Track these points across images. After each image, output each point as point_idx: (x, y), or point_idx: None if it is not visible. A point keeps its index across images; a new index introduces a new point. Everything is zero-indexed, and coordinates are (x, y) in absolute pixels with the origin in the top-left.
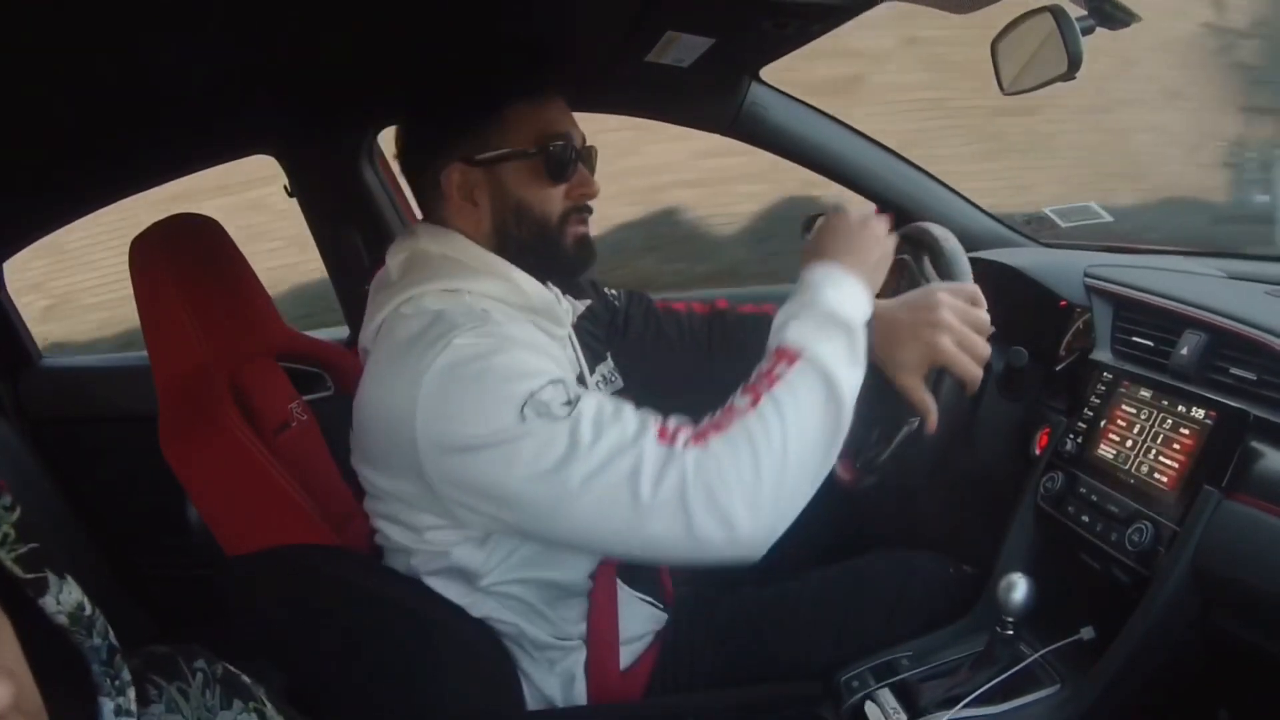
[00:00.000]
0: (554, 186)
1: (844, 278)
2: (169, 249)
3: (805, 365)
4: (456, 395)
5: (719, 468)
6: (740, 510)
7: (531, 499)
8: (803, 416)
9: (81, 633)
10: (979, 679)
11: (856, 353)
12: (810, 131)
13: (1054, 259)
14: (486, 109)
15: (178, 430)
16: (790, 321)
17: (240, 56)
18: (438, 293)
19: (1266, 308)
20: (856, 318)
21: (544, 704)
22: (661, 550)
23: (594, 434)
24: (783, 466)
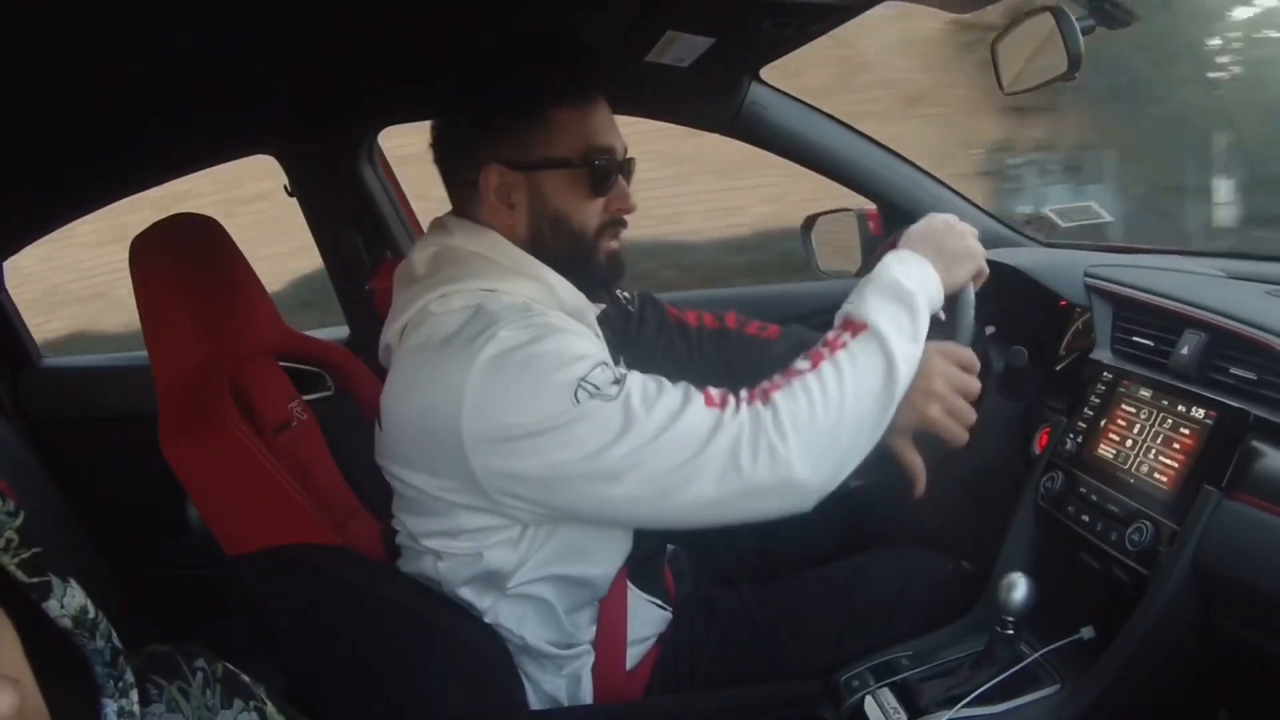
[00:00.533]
0: (594, 199)
1: (912, 259)
2: (169, 249)
3: (868, 336)
4: (506, 386)
5: (775, 416)
6: (796, 455)
7: (590, 476)
8: (860, 381)
9: (85, 635)
10: (979, 679)
11: (918, 328)
12: (810, 131)
13: (1054, 259)
14: (531, 110)
15: (178, 430)
16: (859, 296)
17: (240, 56)
18: (474, 291)
19: (1266, 308)
20: (919, 295)
21: (548, 703)
22: (725, 510)
23: (645, 407)
24: (838, 422)
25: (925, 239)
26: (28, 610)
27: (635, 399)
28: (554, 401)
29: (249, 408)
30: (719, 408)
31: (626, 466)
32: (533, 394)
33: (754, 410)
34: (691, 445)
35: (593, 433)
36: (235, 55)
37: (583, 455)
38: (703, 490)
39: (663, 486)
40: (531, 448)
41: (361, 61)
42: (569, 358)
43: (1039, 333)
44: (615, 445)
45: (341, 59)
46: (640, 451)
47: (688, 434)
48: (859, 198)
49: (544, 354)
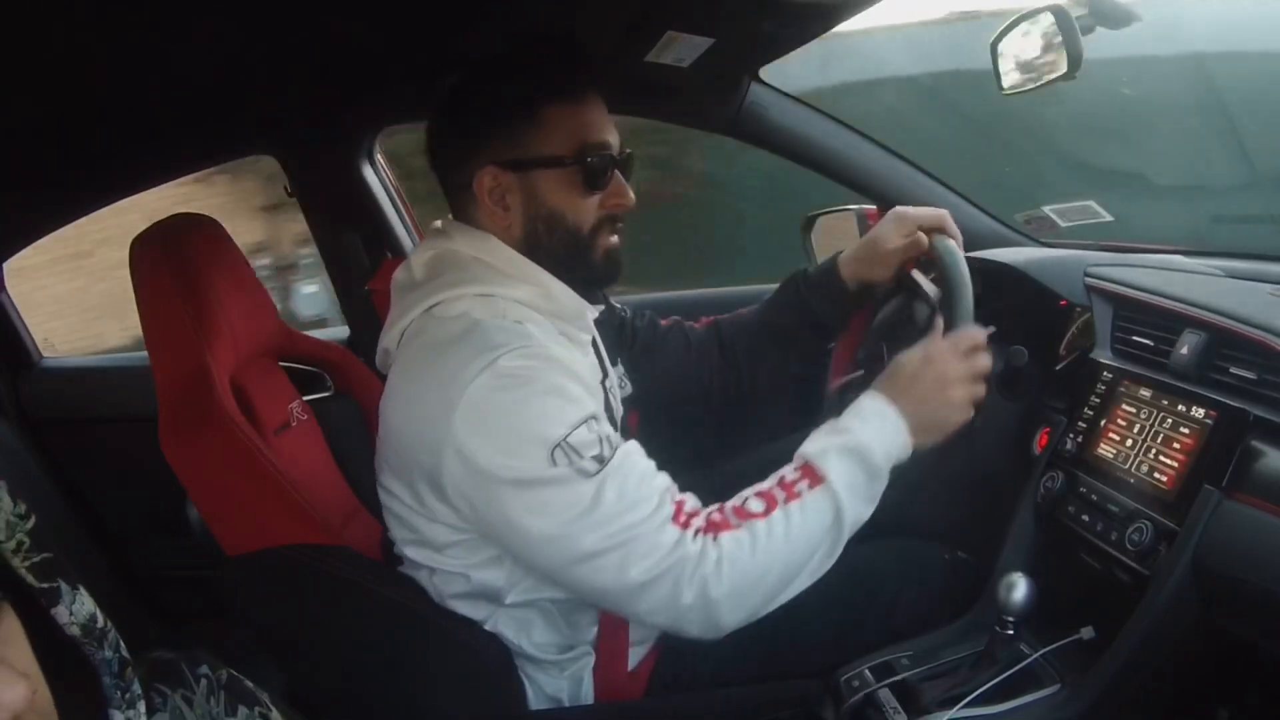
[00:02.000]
0: (589, 196)
1: (895, 425)
2: (169, 249)
3: (825, 491)
4: (493, 419)
5: (719, 560)
6: (727, 606)
7: (540, 545)
8: (805, 535)
9: (93, 645)
10: (979, 679)
11: (874, 494)
12: (810, 131)
13: (1054, 259)
14: (523, 109)
15: (178, 430)
16: (828, 444)
17: (240, 57)
18: (472, 297)
19: (1267, 307)
20: (884, 465)
21: (549, 704)
22: (645, 619)
23: (616, 501)
24: (771, 571)
25: (913, 391)
26: (37, 616)
27: (610, 488)
28: (530, 455)
29: (249, 408)
30: (681, 529)
31: (580, 551)
32: (514, 439)
33: (703, 545)
34: (642, 558)
35: (556, 504)
36: (235, 56)
37: (541, 524)
38: (632, 597)
39: (600, 583)
40: (498, 491)
41: (361, 61)
42: (558, 410)
43: (1039, 333)
44: (574, 524)
45: (341, 59)
46: (594, 546)
47: (643, 549)
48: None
49: (535, 399)
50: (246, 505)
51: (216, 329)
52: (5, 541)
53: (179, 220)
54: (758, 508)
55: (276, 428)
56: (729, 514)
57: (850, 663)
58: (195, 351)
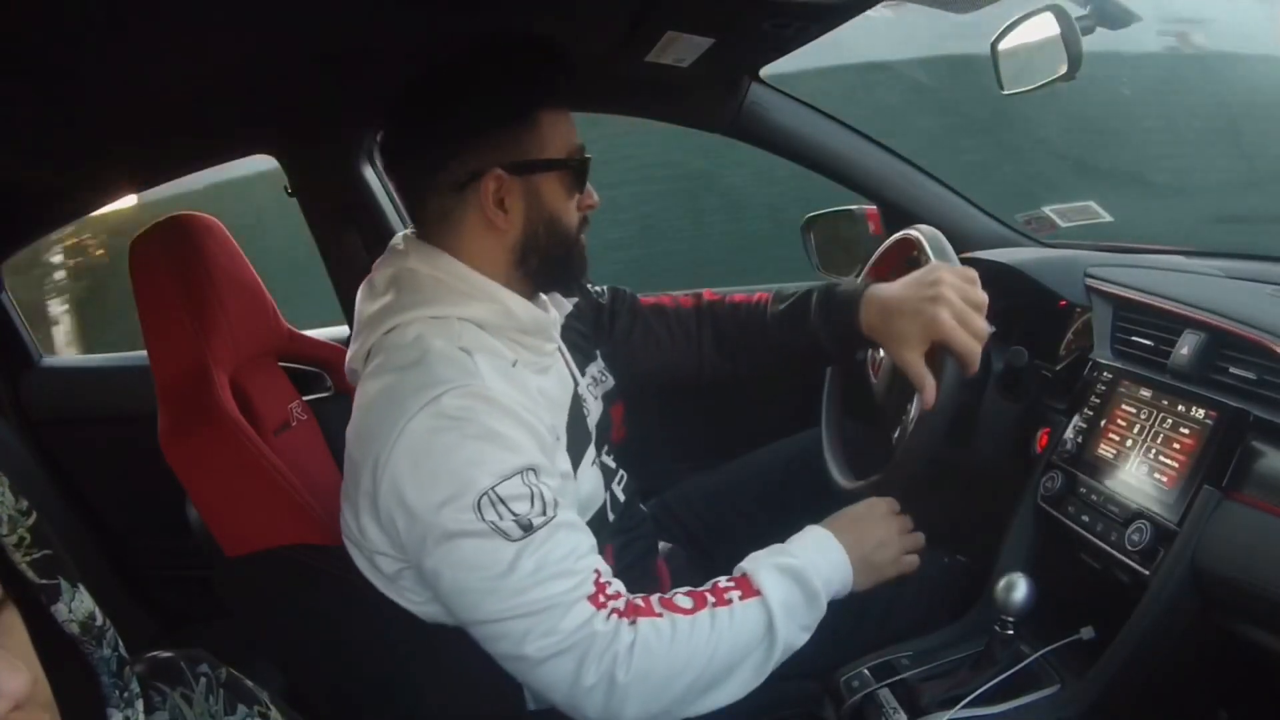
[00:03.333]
0: (573, 198)
1: (838, 558)
2: (169, 249)
3: (758, 605)
4: (426, 459)
5: (631, 647)
6: (632, 696)
7: (449, 596)
8: (732, 644)
9: (92, 643)
10: (979, 679)
11: (810, 619)
12: (810, 131)
13: (1054, 259)
14: (520, 112)
15: (178, 430)
16: (768, 562)
17: (240, 56)
18: (425, 320)
19: (1267, 308)
20: (825, 592)
21: (545, 704)
22: (544, 694)
23: (533, 571)
24: (685, 673)
25: (857, 532)
26: (36, 613)
27: (528, 560)
28: (457, 499)
29: (249, 408)
30: (596, 608)
31: (485, 612)
32: (441, 485)
33: (617, 626)
34: (543, 635)
35: (472, 560)
36: (235, 56)
37: (456, 576)
38: (528, 671)
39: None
40: (421, 530)
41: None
42: (489, 459)
43: (1039, 333)
44: (485, 591)
45: (341, 59)
46: (500, 613)
47: (547, 625)
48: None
49: (467, 445)
50: (246, 505)
51: (216, 329)
52: (7, 536)
53: (179, 220)
54: (685, 604)
55: (276, 428)
56: (654, 602)
57: (850, 663)
58: (195, 351)
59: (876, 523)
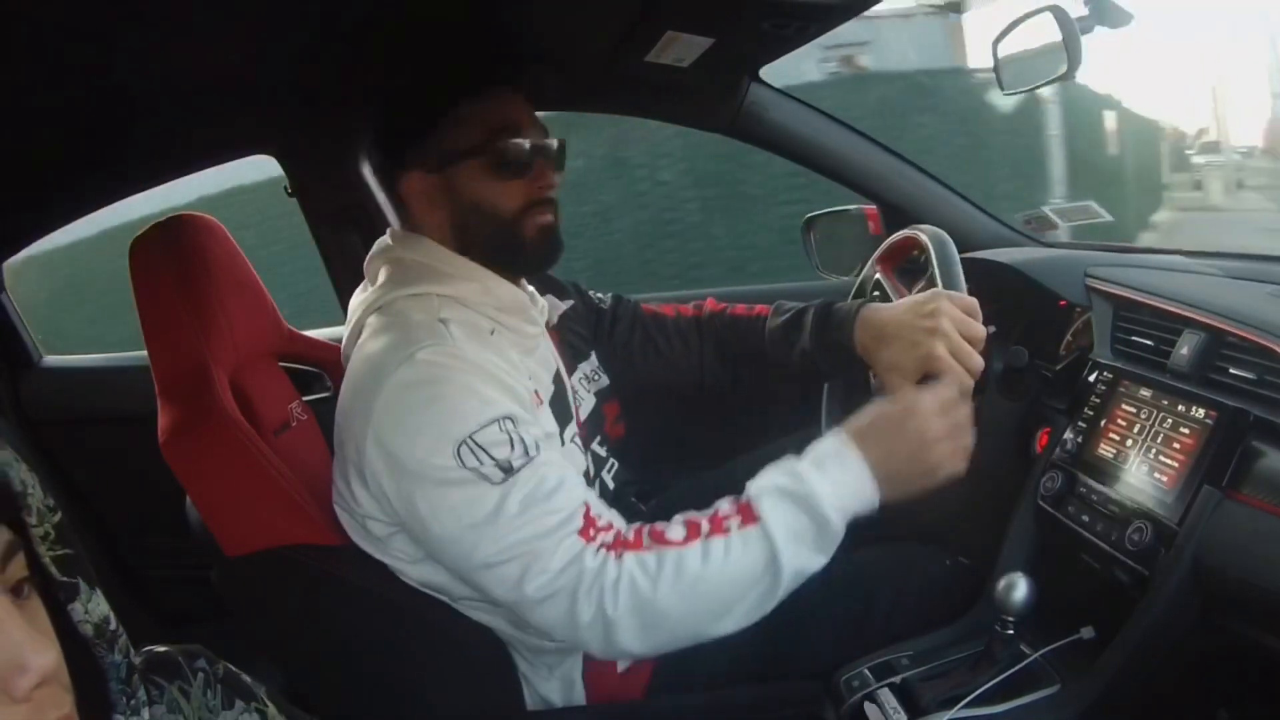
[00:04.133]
0: (508, 182)
1: (856, 472)
2: (169, 249)
3: (757, 533)
4: (406, 412)
5: (617, 580)
6: (625, 629)
7: (442, 545)
8: (729, 575)
9: (104, 647)
10: (979, 679)
11: (825, 544)
12: (810, 131)
13: (1054, 259)
14: (434, 110)
15: (178, 430)
16: (772, 485)
17: (240, 56)
18: (406, 298)
19: (1267, 308)
20: (838, 516)
21: (543, 704)
22: (545, 631)
23: (520, 511)
24: (687, 611)
25: (885, 437)
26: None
27: (514, 498)
28: (437, 451)
29: (249, 408)
30: (586, 542)
31: (479, 557)
32: (422, 433)
33: (603, 562)
34: (539, 574)
35: (458, 506)
36: (235, 55)
37: (443, 524)
38: (529, 610)
39: (501, 588)
40: (407, 483)
41: (361, 61)
42: (467, 409)
43: (1039, 333)
44: (475, 531)
45: (341, 59)
46: (495, 553)
47: (541, 564)
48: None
49: (445, 396)
50: (246, 505)
51: (216, 329)
52: (35, 526)
53: (179, 220)
54: (677, 535)
55: (276, 428)
56: (645, 535)
57: (850, 663)
58: (195, 351)
59: (912, 435)
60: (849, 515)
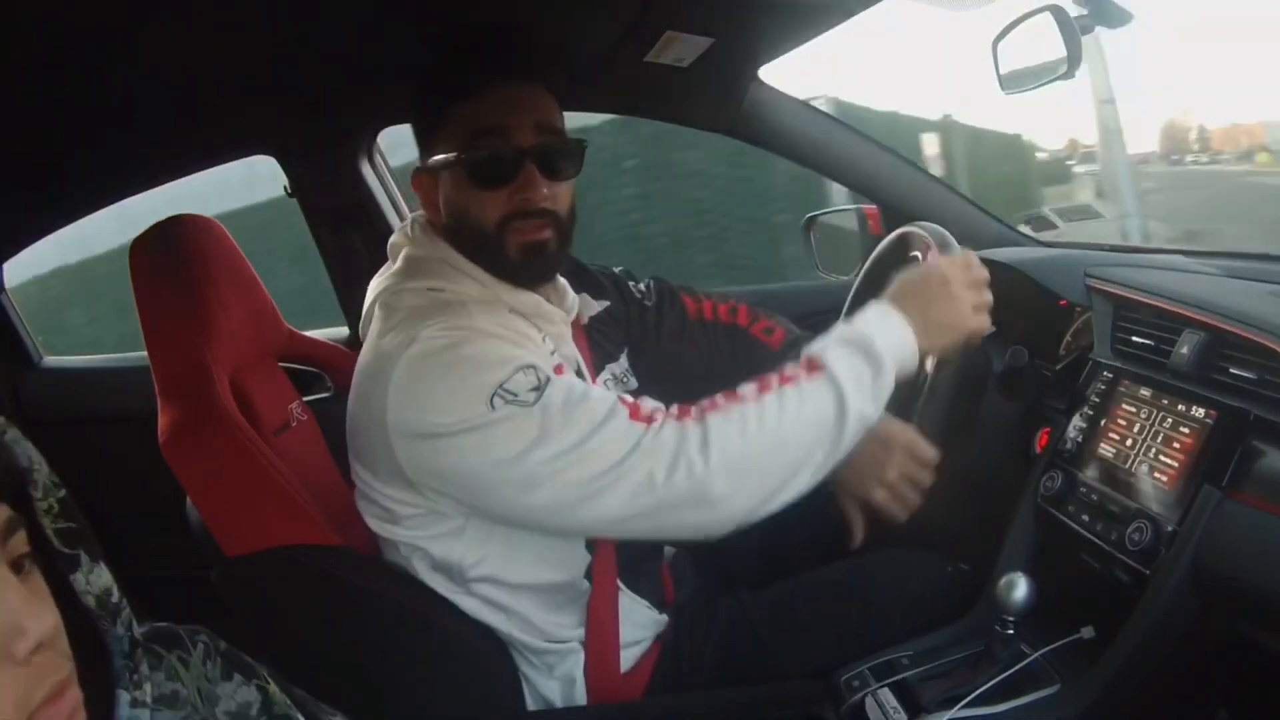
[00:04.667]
0: (487, 192)
1: (893, 317)
2: (169, 249)
3: (824, 379)
4: (425, 385)
5: (704, 435)
6: (716, 474)
7: (504, 481)
8: (803, 420)
9: (107, 619)
10: (979, 679)
11: (879, 390)
12: (810, 131)
13: (1054, 259)
14: (432, 113)
15: (177, 430)
16: (833, 338)
17: (240, 56)
18: (421, 290)
19: (1267, 307)
20: (887, 358)
21: (544, 705)
22: (628, 520)
23: (563, 417)
24: (769, 453)
25: (916, 294)
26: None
27: (554, 408)
28: (469, 405)
29: (249, 408)
30: (643, 423)
31: (541, 476)
32: (449, 395)
33: (681, 427)
34: (607, 459)
35: (507, 439)
36: (235, 55)
37: (497, 460)
38: (615, 505)
39: (576, 497)
40: (448, 447)
41: (361, 61)
42: (489, 362)
43: (1039, 333)
44: (530, 453)
45: (341, 59)
46: (554, 461)
47: (604, 448)
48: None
49: (465, 357)
50: (246, 505)
51: (216, 329)
52: (40, 500)
53: (179, 221)
54: (750, 391)
55: (276, 428)
56: (719, 398)
57: (850, 663)
58: (195, 352)
59: (937, 287)
60: (899, 365)
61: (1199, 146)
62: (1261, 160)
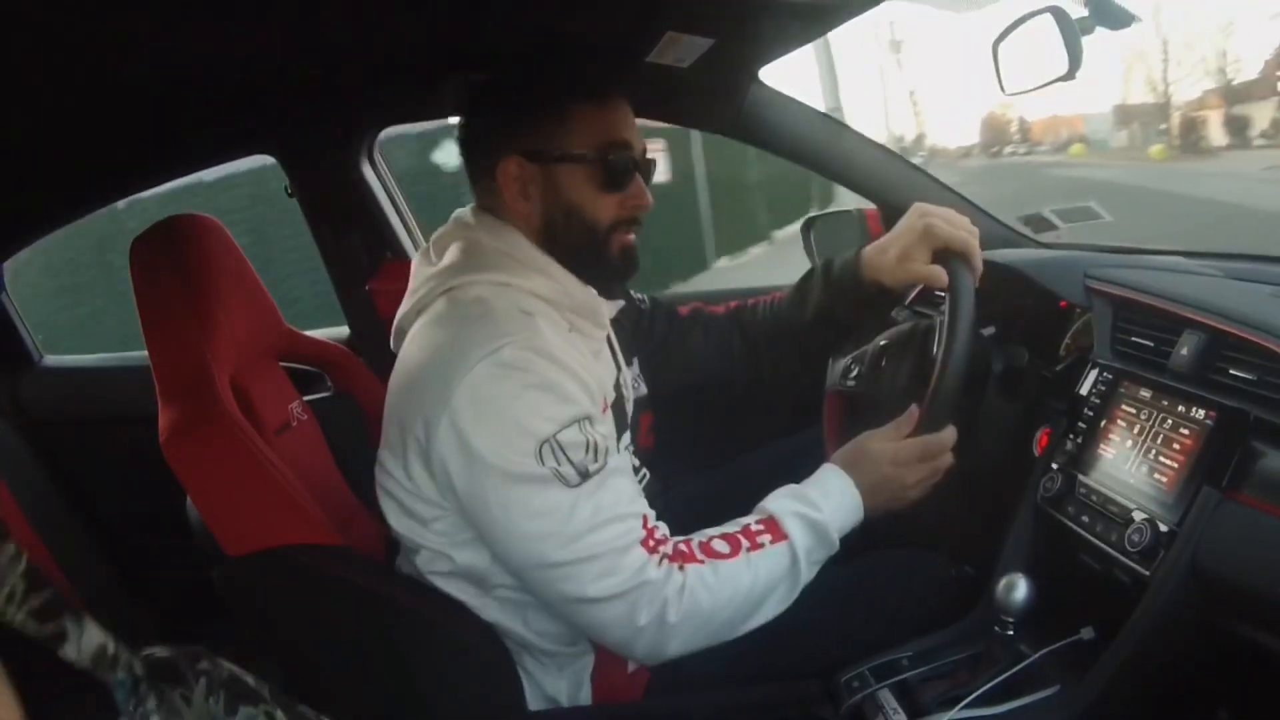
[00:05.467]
0: (608, 195)
1: (854, 499)
2: (169, 249)
3: (786, 549)
4: (489, 405)
5: (681, 592)
6: (679, 633)
7: (510, 542)
8: (765, 583)
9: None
10: (979, 679)
11: (825, 556)
12: (810, 131)
13: (1054, 259)
14: (551, 105)
15: (178, 430)
16: (793, 509)
17: (240, 56)
18: (488, 284)
19: (1267, 308)
20: (838, 535)
21: (548, 703)
22: (597, 635)
23: (590, 518)
24: (722, 614)
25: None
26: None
27: (586, 506)
28: (517, 447)
29: (249, 408)
30: (649, 554)
31: (540, 562)
32: (504, 431)
33: (669, 571)
34: (605, 588)
35: (531, 508)
36: (235, 55)
37: (513, 523)
38: (587, 618)
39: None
40: (481, 475)
41: (361, 61)
42: (551, 407)
43: (1039, 333)
44: (543, 542)
45: (341, 59)
46: (559, 565)
47: (607, 577)
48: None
49: (528, 394)
50: (246, 505)
51: (216, 329)
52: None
53: (179, 220)
54: (723, 549)
55: (277, 428)
56: (696, 548)
57: (850, 663)
58: (195, 352)
59: (892, 475)
60: (844, 532)
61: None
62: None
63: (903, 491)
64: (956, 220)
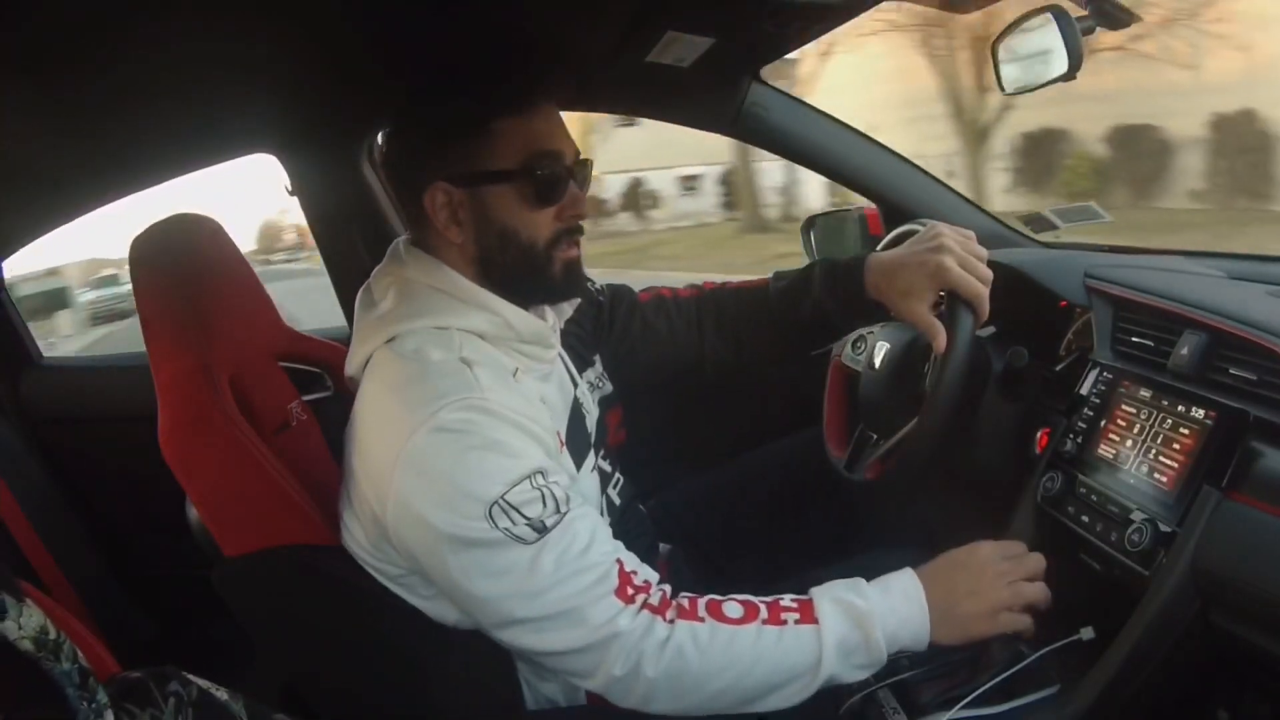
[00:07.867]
0: (541, 210)
1: (916, 605)
2: (169, 249)
3: (812, 634)
4: (432, 473)
5: (664, 646)
6: (660, 690)
7: (472, 603)
8: (774, 665)
9: (49, 659)
10: (978, 679)
11: (868, 665)
12: (810, 131)
13: (1054, 259)
14: (472, 123)
15: (178, 430)
16: (837, 595)
17: (240, 56)
18: (427, 330)
19: (1267, 308)
20: (887, 643)
21: (544, 704)
22: (567, 675)
23: (554, 570)
24: (724, 688)
25: (952, 577)
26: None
27: (547, 559)
28: (467, 512)
29: (249, 408)
30: (624, 603)
31: (506, 620)
32: (451, 497)
33: (651, 624)
34: (572, 641)
35: (489, 568)
36: (235, 55)
37: (473, 585)
38: (558, 661)
39: (527, 646)
40: (434, 544)
41: (361, 61)
42: (495, 469)
43: (1039, 333)
44: (506, 601)
45: (341, 59)
46: (524, 623)
47: (576, 629)
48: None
49: (471, 456)
50: (246, 505)
51: (216, 329)
52: None
53: (179, 220)
54: (734, 613)
55: (276, 428)
56: (701, 606)
57: None
58: (195, 351)
59: (974, 569)
60: (897, 645)
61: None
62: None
63: (974, 600)
64: (971, 262)
